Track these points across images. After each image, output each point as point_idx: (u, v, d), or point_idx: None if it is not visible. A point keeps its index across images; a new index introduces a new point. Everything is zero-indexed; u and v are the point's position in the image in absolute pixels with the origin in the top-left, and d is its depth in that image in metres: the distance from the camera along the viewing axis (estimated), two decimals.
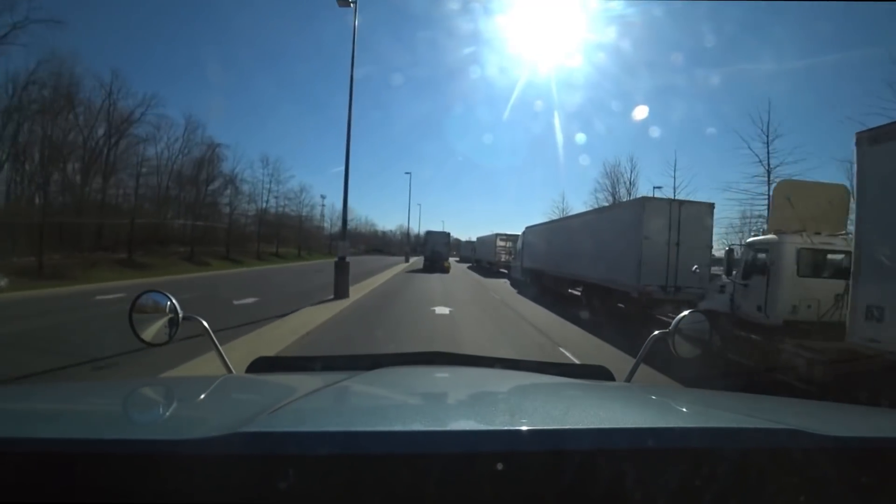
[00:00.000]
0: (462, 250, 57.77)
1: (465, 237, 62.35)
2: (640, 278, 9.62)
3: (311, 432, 0.60)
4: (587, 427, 0.68)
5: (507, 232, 31.74)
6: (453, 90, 74.51)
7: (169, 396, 1.01)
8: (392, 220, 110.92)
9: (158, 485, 0.52)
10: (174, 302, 1.25)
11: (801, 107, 35.05)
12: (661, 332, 1.29)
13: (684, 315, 1.30)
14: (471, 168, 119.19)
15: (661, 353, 1.36)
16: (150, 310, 1.25)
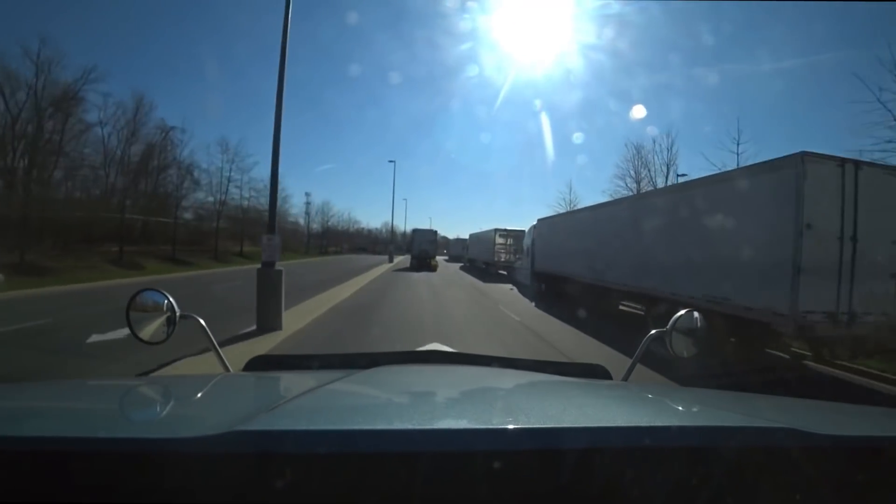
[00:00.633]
0: (452, 249, 55.73)
1: (454, 235, 60.67)
2: (795, 299, 5.31)
3: (308, 431, 0.60)
4: (584, 425, 0.68)
5: (506, 227, 27.74)
6: (442, 87, 73.62)
7: (165, 395, 1.00)
8: (379, 218, 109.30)
9: (154, 483, 0.51)
10: (171, 300, 1.25)
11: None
12: (657, 332, 1.29)
13: (681, 314, 1.30)
14: (459, 166, 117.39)
15: (659, 353, 1.35)
16: (148, 308, 1.24)
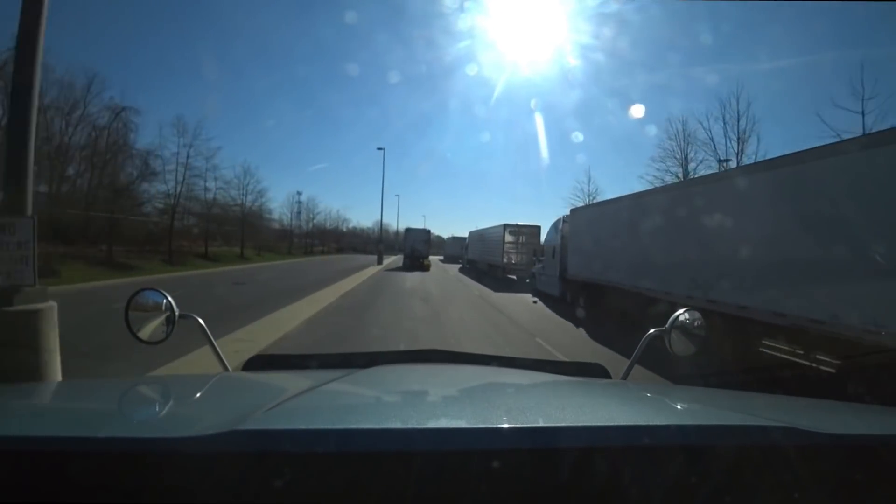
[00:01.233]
0: (448, 248, 52.25)
1: (448, 234, 58.05)
2: None
3: (307, 430, 0.60)
4: (583, 424, 0.69)
5: (517, 223, 22.51)
6: (438, 85, 71.68)
7: (164, 394, 1.00)
8: (372, 218, 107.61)
9: (153, 483, 0.51)
10: (170, 300, 1.24)
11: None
12: (657, 331, 1.30)
13: (680, 313, 1.31)
14: (453, 165, 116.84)
15: (658, 352, 1.35)
16: (147, 308, 1.23)
